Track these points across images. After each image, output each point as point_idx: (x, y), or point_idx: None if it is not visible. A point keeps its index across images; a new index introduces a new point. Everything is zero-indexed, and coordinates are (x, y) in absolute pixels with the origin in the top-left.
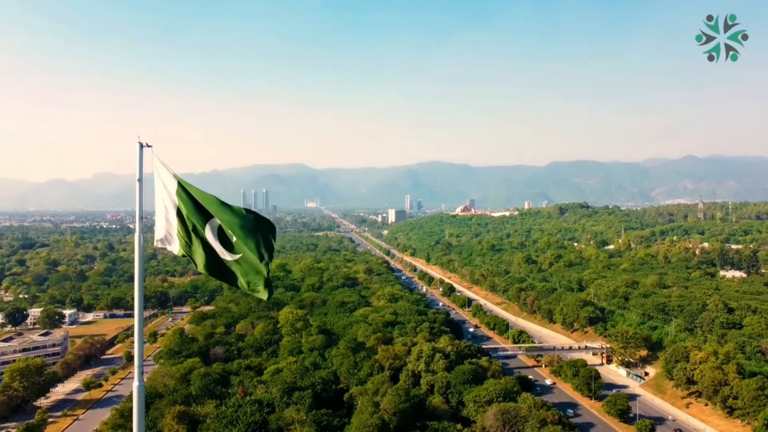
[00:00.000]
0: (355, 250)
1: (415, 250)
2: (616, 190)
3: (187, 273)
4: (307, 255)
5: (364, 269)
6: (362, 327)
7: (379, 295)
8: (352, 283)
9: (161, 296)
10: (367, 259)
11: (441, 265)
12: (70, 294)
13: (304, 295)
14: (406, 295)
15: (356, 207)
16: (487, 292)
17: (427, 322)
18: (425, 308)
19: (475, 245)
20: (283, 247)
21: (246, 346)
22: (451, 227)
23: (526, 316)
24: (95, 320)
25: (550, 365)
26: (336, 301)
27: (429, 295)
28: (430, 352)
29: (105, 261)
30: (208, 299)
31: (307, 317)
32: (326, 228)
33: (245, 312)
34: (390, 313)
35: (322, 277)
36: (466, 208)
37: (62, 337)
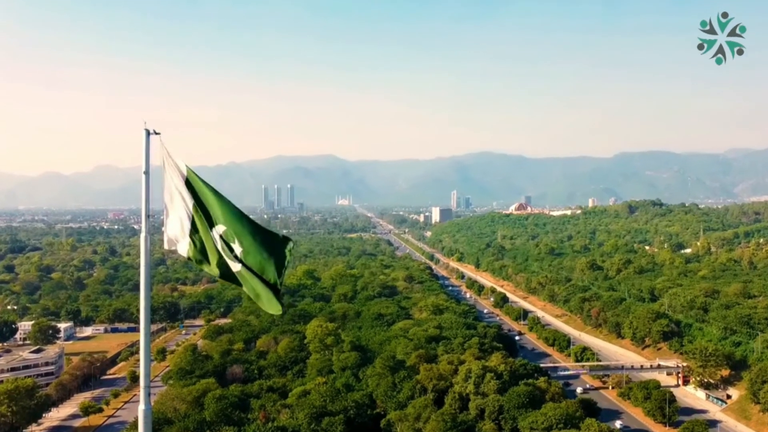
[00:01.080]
0: (394, 254)
1: (463, 254)
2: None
3: (200, 281)
4: (338, 260)
5: (404, 276)
6: (402, 343)
7: (422, 306)
8: (390, 292)
9: (170, 307)
10: (408, 264)
11: (492, 272)
12: (66, 305)
13: (335, 306)
14: (453, 306)
15: (395, 205)
16: (546, 303)
17: (476, 337)
18: (474, 321)
19: (531, 249)
20: (311, 251)
21: (268, 364)
22: (504, 228)
23: (590, 330)
24: (95, 335)
25: (618, 387)
26: (372, 313)
27: (478, 306)
28: (480, 372)
29: (106, 267)
30: (224, 311)
31: (339, 331)
32: (360, 229)
33: (267, 325)
34: (434, 327)
35: (356, 286)
36: (521, 206)
37: (57, 354)
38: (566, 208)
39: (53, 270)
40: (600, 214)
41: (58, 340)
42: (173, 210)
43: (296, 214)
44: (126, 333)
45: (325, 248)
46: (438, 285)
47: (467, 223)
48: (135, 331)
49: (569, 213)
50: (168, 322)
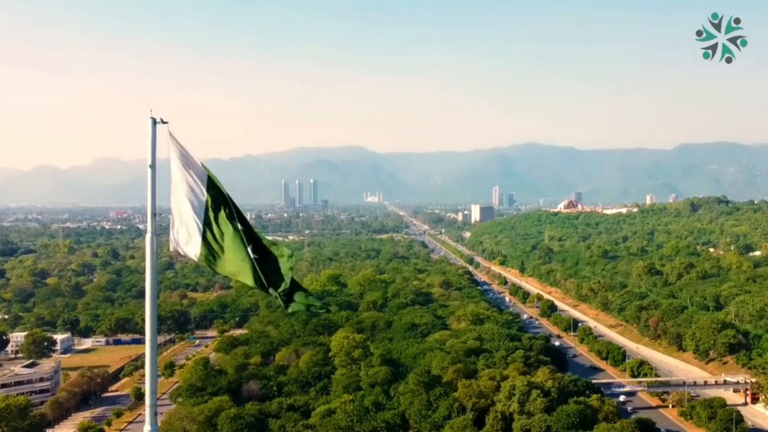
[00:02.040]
0: (429, 257)
1: (506, 257)
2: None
3: (212, 287)
4: (367, 264)
5: (441, 282)
6: (438, 356)
7: (460, 315)
8: (424, 299)
9: (179, 317)
10: (444, 269)
11: (539, 277)
12: (63, 314)
13: (364, 315)
14: (494, 315)
15: (430, 202)
16: (598, 312)
17: (520, 350)
18: (519, 332)
19: (582, 251)
20: (337, 254)
21: (289, 380)
22: (552, 228)
23: (648, 342)
24: (95, 347)
25: (679, 405)
26: (404, 323)
27: (523, 315)
28: (524, 389)
29: (107, 271)
30: (239, 320)
31: (367, 343)
32: (391, 229)
33: (287, 337)
34: (473, 339)
35: (387, 293)
36: (571, 204)
37: (52, 369)
38: (621, 205)
39: (48, 275)
40: (659, 212)
41: (54, 353)
42: (183, 208)
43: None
44: (130, 345)
45: (352, 251)
46: (478, 292)
47: (510, 222)
48: (140, 343)
49: (624, 211)
50: (177, 333)
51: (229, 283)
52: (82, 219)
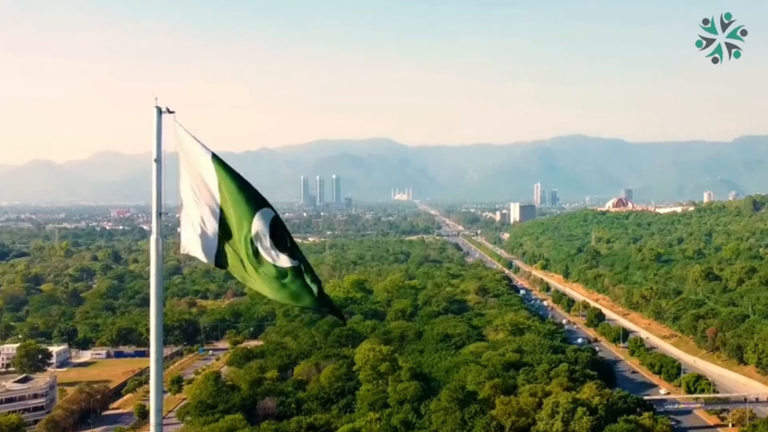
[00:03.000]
0: (463, 260)
1: (548, 261)
2: None
3: (224, 294)
4: (395, 268)
5: (476, 288)
6: (473, 370)
7: (497, 324)
8: (458, 307)
9: (188, 327)
10: (480, 273)
11: (585, 283)
12: (59, 324)
13: (391, 324)
14: (536, 324)
15: (464, 200)
16: (651, 321)
17: (565, 363)
18: (563, 343)
19: (632, 254)
20: (362, 257)
21: (309, 396)
22: (600, 229)
23: (706, 354)
24: (94, 361)
25: (740, 424)
26: (436, 334)
27: (568, 325)
28: (569, 406)
29: (108, 276)
30: (254, 331)
31: (395, 356)
32: (422, 230)
33: (307, 349)
34: (512, 351)
35: (417, 300)
36: (620, 202)
37: (47, 384)
38: (675, 203)
39: (43, 280)
40: (717, 211)
41: (50, 366)
42: (193, 206)
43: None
44: (133, 358)
45: (379, 253)
46: (518, 299)
47: (554, 222)
48: (144, 356)
49: (679, 210)
50: (185, 345)
51: (242, 289)
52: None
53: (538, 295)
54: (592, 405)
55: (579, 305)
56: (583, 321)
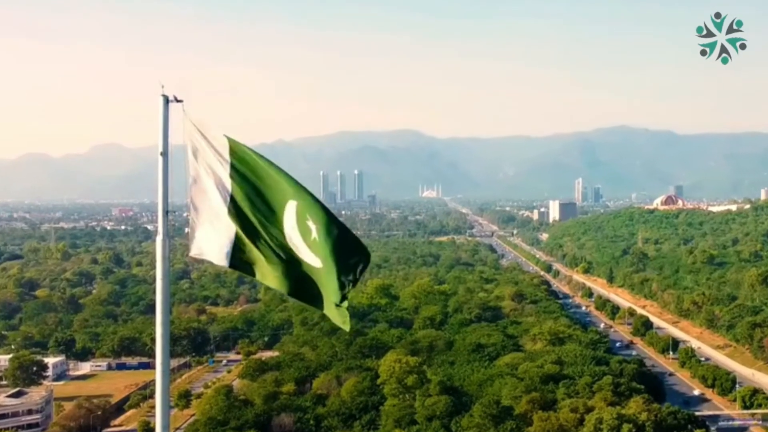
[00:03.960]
0: (498, 263)
1: (591, 264)
2: None
3: (236, 300)
4: (422, 272)
5: (512, 294)
6: (509, 383)
7: (535, 333)
8: (492, 315)
9: (197, 336)
10: (517, 278)
11: (630, 288)
12: (56, 333)
13: (419, 334)
14: (577, 333)
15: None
16: (703, 329)
17: (609, 376)
18: (606, 354)
19: (683, 257)
20: (387, 260)
21: (329, 412)
22: (647, 229)
23: (763, 366)
24: (94, 373)
25: None
26: (468, 344)
27: (612, 334)
28: (614, 422)
29: (109, 281)
30: (269, 340)
31: (424, 368)
32: (453, 230)
33: (327, 360)
34: (552, 362)
35: (447, 307)
36: (669, 199)
37: (43, 399)
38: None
39: (38, 285)
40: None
41: (46, 379)
42: (204, 203)
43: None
44: (136, 370)
45: (405, 256)
46: (557, 305)
47: (596, 221)
48: (149, 368)
49: (734, 208)
50: (193, 356)
51: (255, 295)
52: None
53: (579, 302)
54: (638, 421)
55: (624, 312)
56: (629, 329)
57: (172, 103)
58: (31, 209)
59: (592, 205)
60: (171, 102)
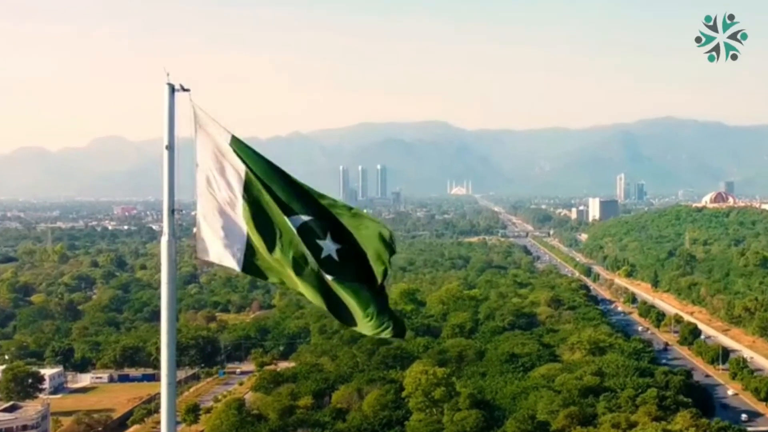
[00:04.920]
0: (533, 266)
1: (634, 266)
2: None
3: (249, 306)
4: (451, 275)
5: (548, 299)
6: (545, 396)
7: (573, 342)
8: (527, 322)
9: (206, 345)
10: (553, 282)
11: (677, 293)
12: (53, 342)
13: (447, 343)
14: (619, 342)
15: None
16: (756, 338)
17: (653, 389)
18: (651, 365)
19: (734, 259)
20: (412, 263)
21: (349, 428)
22: (695, 229)
23: None
24: (95, 385)
25: None
26: (500, 353)
27: (656, 343)
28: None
29: (111, 286)
30: (284, 350)
31: (452, 380)
32: (484, 230)
33: (347, 371)
34: (592, 374)
35: (478, 313)
36: (719, 197)
37: (39, 413)
38: None
39: (34, 290)
40: None
41: (42, 392)
42: (213, 202)
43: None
44: (140, 383)
45: (432, 258)
46: (597, 312)
47: (640, 221)
48: (154, 380)
49: None
50: (202, 367)
51: (270, 301)
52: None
53: (621, 308)
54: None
55: (670, 319)
56: (675, 338)
57: (179, 92)
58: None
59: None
60: (177, 91)
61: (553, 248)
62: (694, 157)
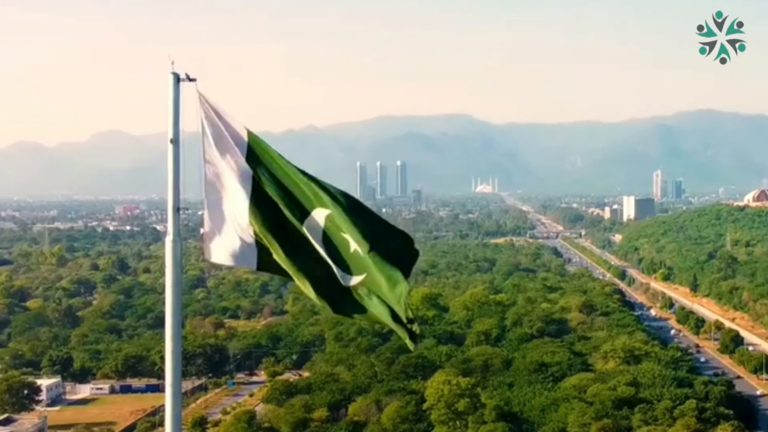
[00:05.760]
0: (563, 269)
1: (671, 269)
2: None
3: (260, 312)
4: (476, 279)
5: (580, 304)
6: (576, 409)
7: (607, 351)
8: (557, 329)
9: (214, 354)
10: (585, 286)
11: (718, 297)
12: (50, 350)
13: (472, 351)
14: (656, 350)
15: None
16: None
17: (692, 400)
18: (690, 375)
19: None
20: (434, 266)
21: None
22: (737, 229)
23: None
24: (95, 397)
25: None
26: (529, 362)
27: (695, 351)
28: None
29: (112, 290)
30: (298, 359)
31: (477, 390)
32: (511, 231)
33: (365, 381)
34: (626, 384)
35: (504, 320)
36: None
37: (35, 427)
38: None
39: (30, 295)
40: None
41: (38, 404)
42: (222, 200)
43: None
44: (143, 394)
45: (456, 260)
46: (632, 318)
47: (678, 221)
48: (158, 391)
49: None
50: (210, 377)
51: (282, 306)
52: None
53: (658, 313)
54: None
55: (710, 326)
56: (716, 346)
57: (184, 82)
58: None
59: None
60: (183, 81)
61: (585, 250)
62: (736, 153)
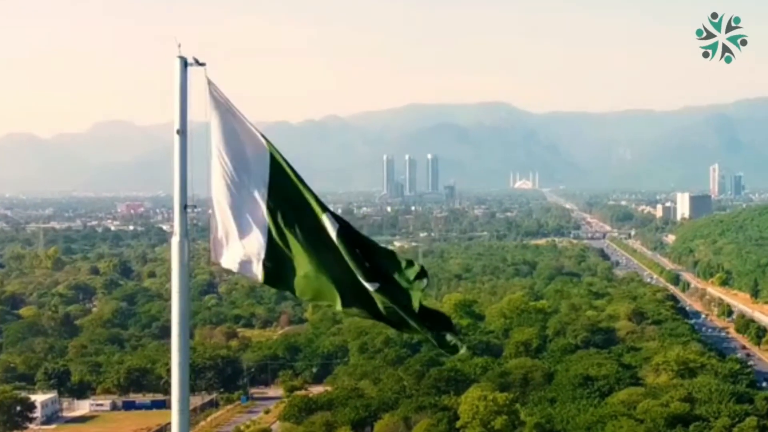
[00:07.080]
0: (610, 273)
1: (730, 273)
2: None
3: (276, 321)
4: (514, 284)
5: (629, 312)
6: (625, 426)
7: (659, 363)
8: (604, 339)
9: (226, 367)
10: (635, 291)
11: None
12: (46, 363)
13: (510, 363)
14: (712, 362)
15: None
16: None
17: (753, 417)
18: (750, 389)
19: None
20: (468, 269)
21: None
22: None
23: None
24: (95, 414)
25: None
26: (573, 376)
27: (756, 363)
28: None
29: (114, 296)
30: (318, 372)
31: (516, 407)
32: (553, 231)
33: (392, 397)
34: (680, 399)
35: (546, 329)
36: None
37: None
38: None
39: (23, 302)
40: None
41: (33, 422)
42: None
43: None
44: (148, 410)
45: (492, 263)
46: (687, 327)
47: (737, 219)
48: (164, 407)
49: None
50: (221, 392)
51: (301, 314)
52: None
53: (714, 322)
54: None
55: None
56: None
57: (192, 66)
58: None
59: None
60: (191, 65)
61: (635, 252)
62: None
